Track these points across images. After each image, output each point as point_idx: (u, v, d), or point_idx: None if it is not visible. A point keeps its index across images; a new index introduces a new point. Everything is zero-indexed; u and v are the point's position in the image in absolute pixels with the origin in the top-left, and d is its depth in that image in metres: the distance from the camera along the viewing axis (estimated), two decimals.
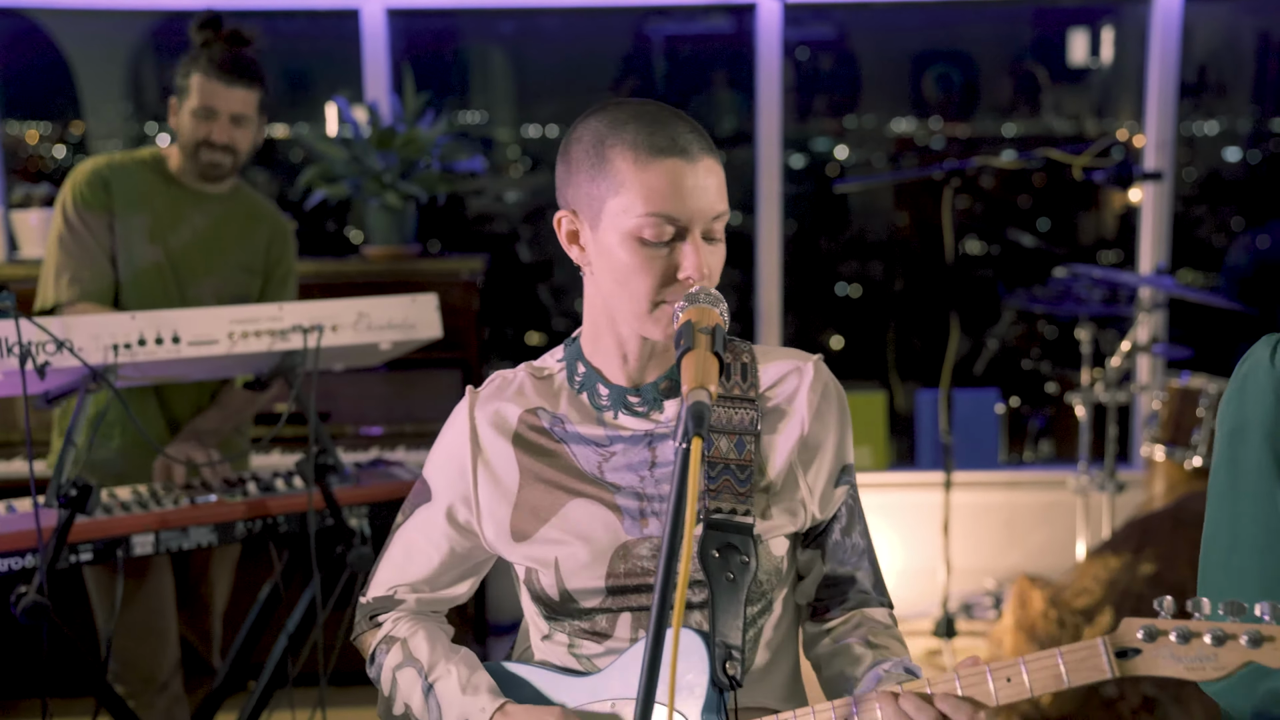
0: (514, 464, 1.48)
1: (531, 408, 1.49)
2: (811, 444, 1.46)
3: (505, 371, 1.55)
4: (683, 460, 1.12)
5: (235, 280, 2.71)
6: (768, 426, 1.46)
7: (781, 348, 1.54)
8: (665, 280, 1.37)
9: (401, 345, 2.37)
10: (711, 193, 1.37)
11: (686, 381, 1.19)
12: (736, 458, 1.43)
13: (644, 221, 1.35)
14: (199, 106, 2.58)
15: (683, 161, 1.35)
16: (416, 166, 3.78)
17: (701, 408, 1.15)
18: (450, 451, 1.52)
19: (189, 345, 2.13)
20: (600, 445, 1.47)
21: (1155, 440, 3.57)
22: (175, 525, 2.25)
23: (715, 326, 1.27)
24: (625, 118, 1.37)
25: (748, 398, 1.46)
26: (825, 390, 1.49)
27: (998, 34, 5.34)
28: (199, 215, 2.68)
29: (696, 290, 1.34)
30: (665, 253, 1.36)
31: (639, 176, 1.35)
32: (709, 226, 1.38)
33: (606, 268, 1.39)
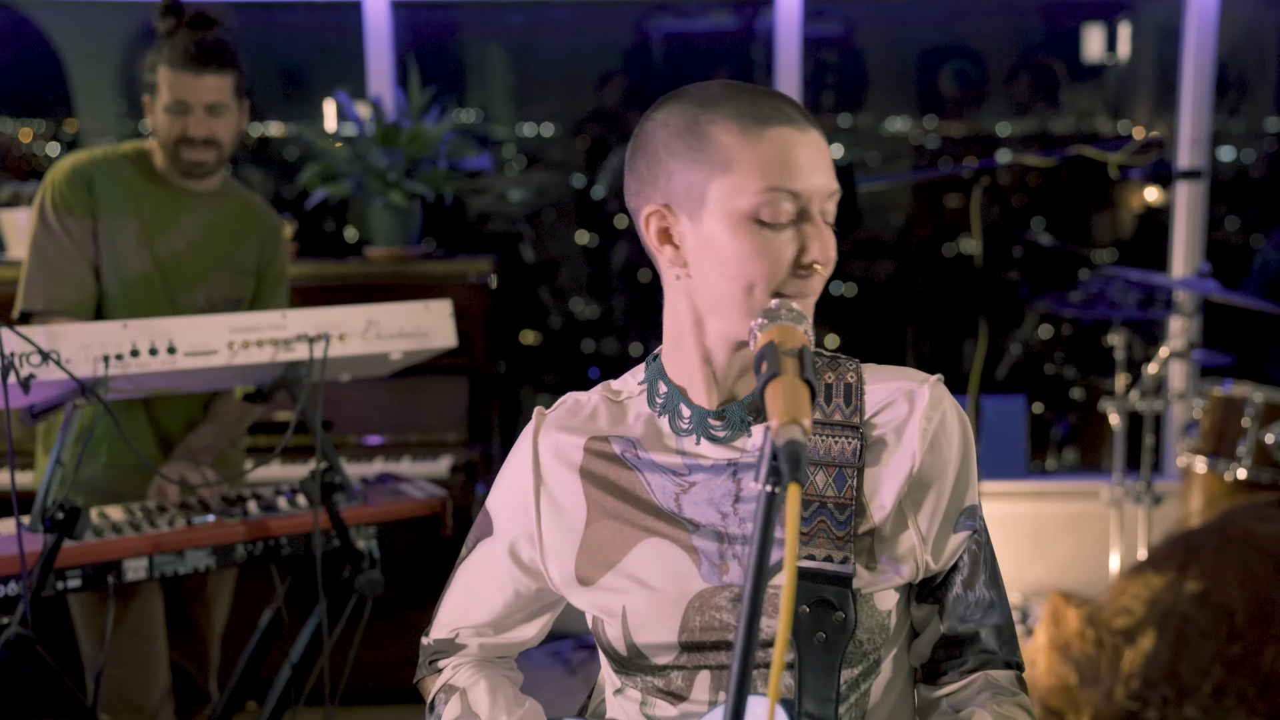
0: (580, 498, 1.31)
1: (601, 434, 1.32)
2: (924, 481, 1.24)
3: (579, 394, 1.37)
4: (765, 506, 0.94)
5: (228, 283, 2.55)
6: (872, 459, 1.24)
7: (895, 366, 1.31)
8: (785, 266, 1.19)
9: (414, 355, 2.21)
10: (827, 167, 1.21)
11: (775, 415, 0.99)
12: (835, 495, 1.22)
13: (762, 199, 1.17)
14: (171, 102, 2.40)
15: (794, 130, 1.19)
16: (422, 164, 3.61)
17: (798, 448, 0.94)
18: (512, 481, 1.36)
19: (186, 356, 1.96)
20: (678, 475, 1.28)
21: (1196, 451, 3.41)
22: (170, 548, 2.08)
23: (802, 348, 1.07)
24: (716, 94, 1.21)
25: (850, 424, 1.25)
26: (943, 418, 1.25)
27: (1008, 30, 5.21)
28: (188, 215, 2.51)
29: (776, 305, 1.15)
30: (784, 236, 1.19)
31: (750, 149, 1.17)
32: (825, 206, 1.21)
33: (713, 261, 1.20)
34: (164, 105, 2.41)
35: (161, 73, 2.41)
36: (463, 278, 3.56)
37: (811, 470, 1.23)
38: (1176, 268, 4.15)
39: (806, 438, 0.96)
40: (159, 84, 2.41)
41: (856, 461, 1.23)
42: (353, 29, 4.06)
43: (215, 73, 2.40)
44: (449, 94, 3.94)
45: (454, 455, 3.37)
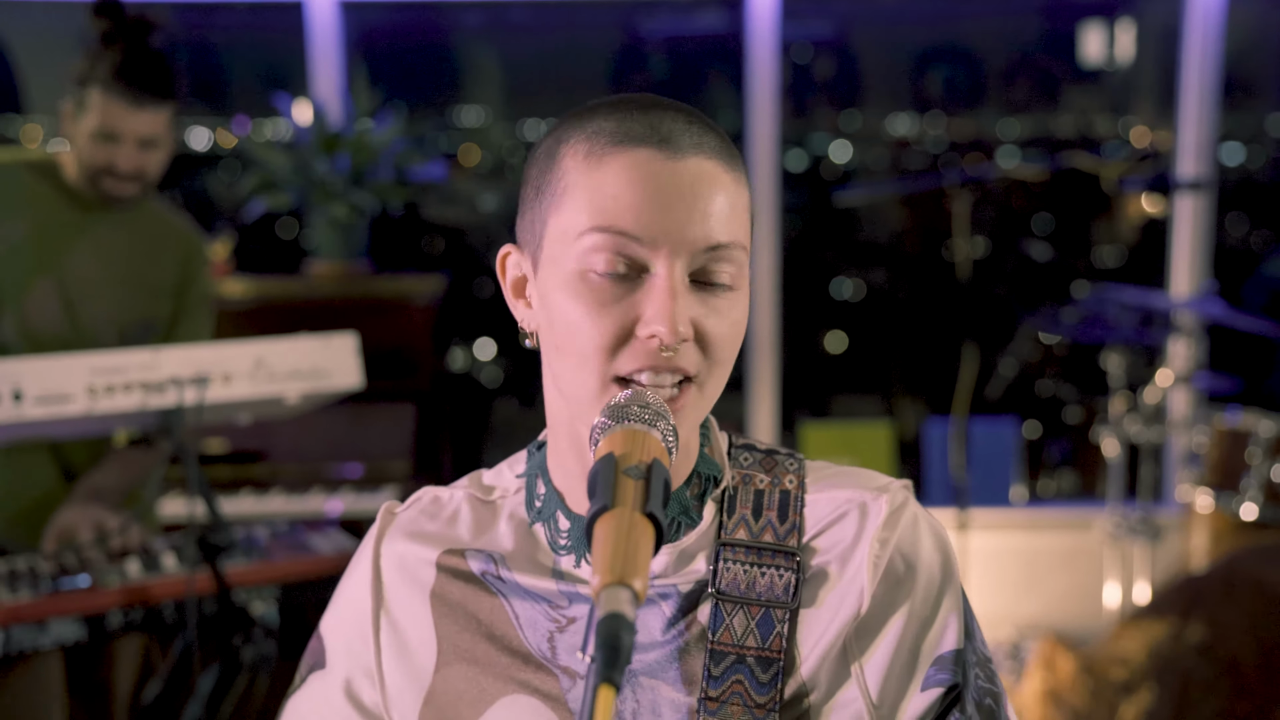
0: (430, 631, 1.01)
1: (459, 546, 1.02)
2: (874, 623, 0.93)
3: (439, 490, 1.08)
4: (594, 688, 0.67)
5: (140, 305, 2.31)
6: (810, 596, 0.94)
7: (849, 469, 1.01)
8: (619, 338, 0.89)
9: (312, 398, 1.95)
10: (709, 211, 0.90)
11: (597, 569, 0.72)
12: (757, 647, 0.92)
13: (587, 242, 0.89)
14: (100, 129, 2.16)
15: (658, 154, 0.89)
16: (370, 174, 3.36)
17: (618, 629, 0.67)
18: (348, 601, 1.06)
19: (35, 404, 1.70)
20: (554, 605, 0.98)
21: (1200, 484, 3.15)
22: (30, 619, 1.82)
23: (652, 465, 0.80)
24: (598, 106, 0.94)
25: (784, 548, 0.95)
26: (904, 538, 0.95)
27: (1006, 29, 4.99)
28: (98, 233, 2.27)
29: (625, 399, 0.86)
30: (625, 296, 0.90)
31: (586, 178, 0.90)
32: (700, 261, 0.90)
33: (548, 326, 0.94)
34: (91, 129, 2.17)
35: (94, 94, 2.15)
36: (410, 297, 3.31)
37: (729, 609, 0.93)
38: (1178, 284, 3.89)
39: (636, 607, 0.69)
40: (88, 103, 2.16)
41: (790, 601, 0.93)
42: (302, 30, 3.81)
43: (153, 106, 2.17)
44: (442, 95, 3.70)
45: (399, 488, 3.11)
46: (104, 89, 2.14)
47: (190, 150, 4.80)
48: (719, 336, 0.91)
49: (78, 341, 2.20)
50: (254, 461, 3.13)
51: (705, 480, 1.00)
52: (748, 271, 0.94)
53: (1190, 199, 3.79)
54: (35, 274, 2.21)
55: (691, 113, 0.94)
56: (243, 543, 2.04)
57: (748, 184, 0.95)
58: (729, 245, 0.90)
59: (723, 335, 0.91)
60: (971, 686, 0.95)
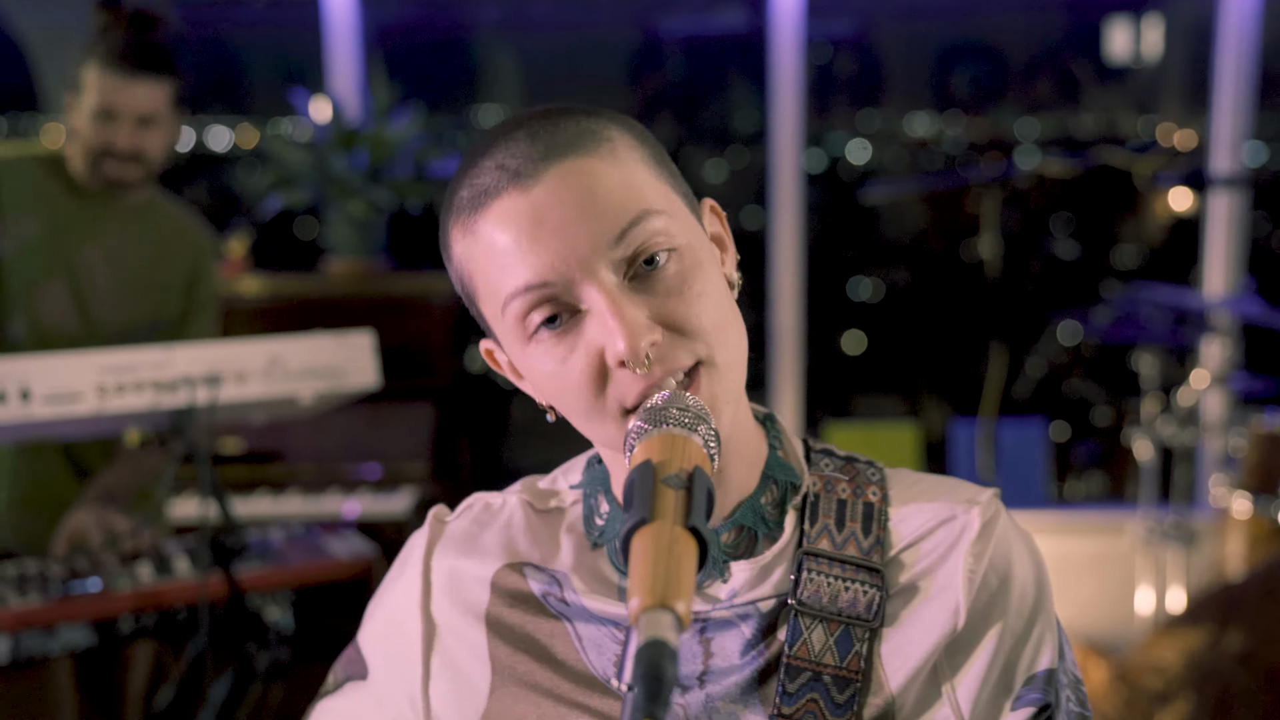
0: (484, 656, 0.94)
1: (517, 560, 0.95)
2: (969, 639, 0.87)
3: (490, 497, 1.00)
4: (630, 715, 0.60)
5: (152, 303, 2.27)
6: (895, 614, 0.88)
7: (932, 478, 0.94)
8: (598, 378, 0.83)
9: (328, 398, 1.90)
10: (588, 210, 0.82)
11: (635, 590, 0.65)
12: (835, 665, 0.86)
13: (513, 312, 0.84)
14: (98, 107, 2.12)
15: (513, 193, 0.82)
16: (388, 170, 3.31)
17: (661, 657, 0.61)
18: (393, 621, 0.98)
19: (44, 403, 1.65)
20: (620, 627, 0.91)
21: (1237, 488, 3.07)
22: (40, 624, 1.78)
23: (694, 473, 0.73)
24: (459, 175, 0.88)
25: (868, 564, 0.89)
26: (998, 554, 0.89)
27: (1029, 26, 4.91)
28: (107, 229, 2.23)
29: (663, 400, 0.80)
30: (580, 337, 0.83)
31: (474, 254, 0.85)
32: (619, 253, 0.82)
33: (545, 396, 0.90)
34: (89, 109, 2.13)
35: (90, 72, 2.12)
36: (428, 295, 3.26)
37: (808, 623, 0.87)
38: (1211, 283, 3.80)
39: (679, 633, 0.62)
40: (85, 84, 2.13)
41: (872, 619, 0.87)
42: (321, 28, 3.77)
43: (150, 79, 2.12)
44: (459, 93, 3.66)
45: (416, 489, 3.06)
46: (100, 65, 2.11)
47: (209, 150, 4.77)
48: (689, 314, 0.83)
49: (88, 339, 2.17)
50: (270, 462, 3.09)
51: (783, 486, 0.93)
52: (688, 224, 0.86)
53: (1224, 196, 3.70)
54: (47, 272, 2.18)
55: (537, 116, 0.86)
56: (257, 546, 1.99)
57: (634, 142, 0.87)
58: (637, 218, 0.82)
59: (693, 311, 0.83)
60: (1063, 709, 0.90)
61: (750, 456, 0.92)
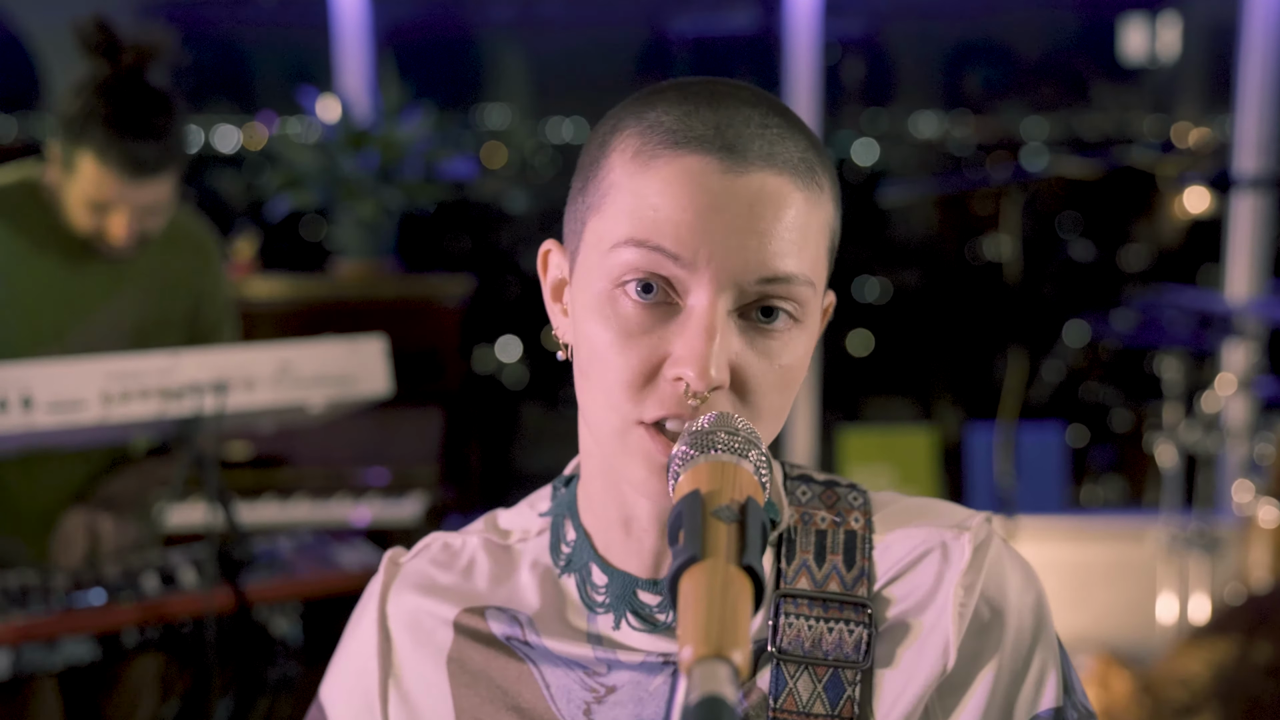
0: (447, 703, 0.87)
1: (476, 606, 0.88)
2: (961, 679, 0.80)
3: (449, 536, 0.93)
4: None
5: (149, 342, 2.05)
6: (885, 655, 0.81)
7: (921, 501, 0.87)
8: (646, 375, 0.76)
9: (338, 405, 1.85)
10: (769, 236, 0.74)
11: (687, 637, 0.59)
12: (827, 713, 0.79)
13: (623, 257, 0.76)
14: (91, 199, 1.86)
15: (716, 163, 0.75)
16: (398, 171, 3.26)
17: (718, 713, 0.54)
18: (352, 666, 0.92)
19: (47, 411, 1.60)
20: (590, 673, 0.84)
21: (1261, 494, 3.01)
22: (41, 637, 1.73)
23: (747, 504, 0.66)
24: (664, 94, 0.80)
25: (853, 600, 0.82)
26: (991, 584, 0.81)
27: (1041, 25, 4.86)
28: (99, 275, 2.01)
29: (711, 423, 0.73)
30: (657, 328, 0.76)
31: (634, 180, 0.76)
32: (753, 293, 0.76)
33: (578, 347, 0.81)
34: (82, 196, 1.86)
35: (86, 159, 1.83)
36: (438, 298, 3.21)
37: (792, 671, 0.80)
38: (1235, 286, 3.74)
39: (738, 686, 0.57)
40: (79, 167, 1.84)
41: (862, 660, 0.80)
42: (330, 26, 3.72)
43: (153, 177, 1.86)
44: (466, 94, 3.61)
45: (426, 495, 3.01)
46: (98, 156, 1.82)
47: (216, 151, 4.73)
48: (762, 383, 0.77)
49: None
50: (277, 467, 3.04)
51: None
52: (815, 309, 0.80)
53: (1249, 198, 3.64)
54: (31, 322, 1.98)
55: (773, 110, 0.79)
56: (265, 556, 1.94)
57: (832, 202, 0.81)
58: (789, 279, 0.76)
59: (766, 384, 0.77)
60: None
61: None
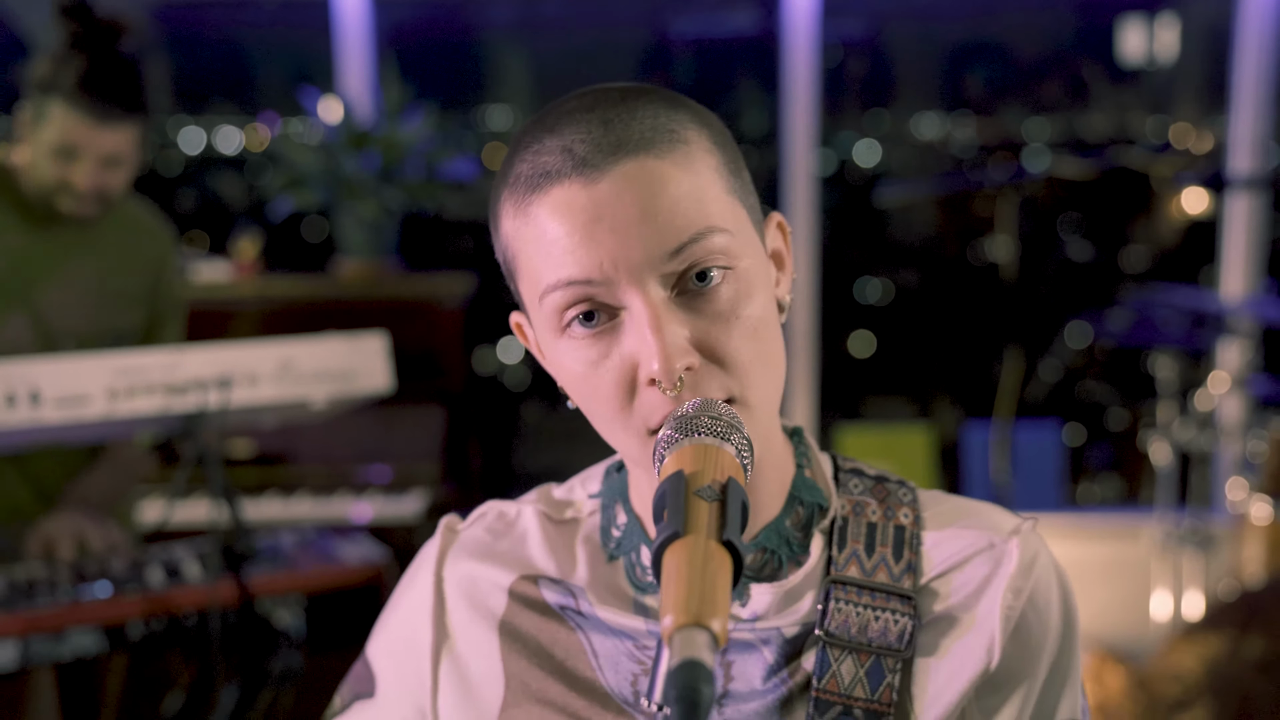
0: (497, 667, 0.90)
1: (531, 573, 0.92)
2: (1004, 680, 0.83)
3: (504, 505, 0.97)
4: None
5: (110, 316, 2.16)
6: (928, 645, 0.84)
7: (967, 502, 0.90)
8: (628, 390, 0.80)
9: (340, 402, 1.88)
10: (651, 214, 0.77)
11: (668, 607, 0.63)
12: (866, 698, 0.82)
13: (551, 304, 0.80)
14: (60, 145, 1.97)
15: (577, 182, 0.78)
16: (400, 171, 3.29)
17: (696, 678, 0.58)
18: (404, 628, 0.95)
19: (54, 407, 1.63)
20: (639, 645, 0.87)
21: (1255, 492, 3.04)
22: (49, 629, 1.76)
23: (728, 484, 0.70)
24: (519, 139, 0.84)
25: (900, 591, 0.85)
26: (1038, 589, 0.84)
27: (1041, 27, 4.88)
28: (61, 246, 2.09)
29: (694, 408, 0.76)
30: (614, 344, 0.80)
31: (522, 235, 0.81)
32: (673, 266, 0.78)
33: (568, 391, 0.87)
34: (49, 143, 1.98)
35: (55, 106, 1.96)
36: (439, 297, 3.24)
37: (837, 655, 0.83)
38: (1230, 285, 3.77)
39: (715, 652, 0.60)
40: (48, 115, 1.97)
41: (904, 649, 0.83)
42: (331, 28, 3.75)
43: (119, 123, 1.98)
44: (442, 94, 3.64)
45: (427, 493, 3.04)
46: (66, 101, 1.95)
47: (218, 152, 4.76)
48: (730, 340, 0.79)
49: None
50: (280, 464, 3.07)
51: (809, 508, 0.89)
52: (747, 242, 0.82)
53: (1244, 198, 3.67)
54: (9, 300, 2.04)
55: (621, 101, 0.82)
56: (268, 551, 1.97)
57: (708, 145, 0.82)
58: (694, 238, 0.78)
59: (736, 334, 0.79)
60: None
61: (776, 476, 0.88)
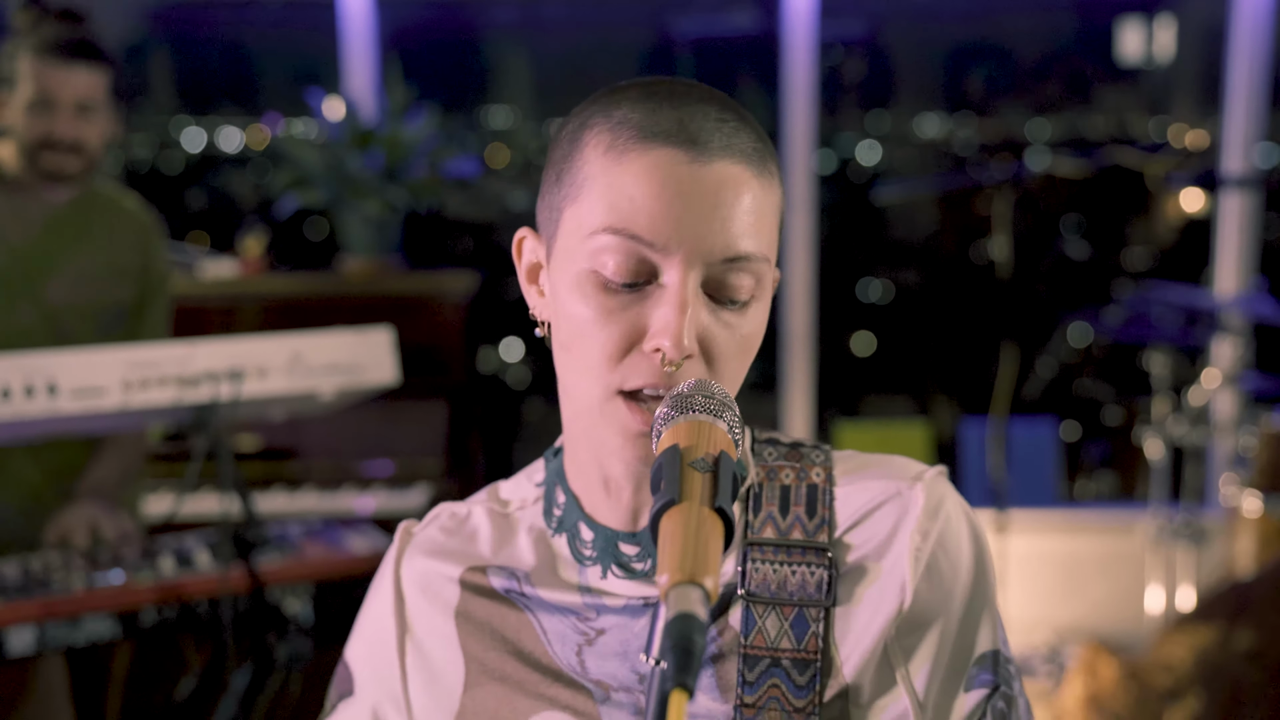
0: (457, 651, 0.98)
1: (481, 563, 0.99)
2: (919, 620, 0.88)
3: (455, 506, 1.04)
4: (660, 689, 0.63)
5: (107, 290, 2.28)
6: (845, 594, 0.89)
7: (878, 457, 0.96)
8: (624, 347, 0.85)
9: (348, 394, 1.92)
10: (731, 219, 0.84)
11: (665, 567, 0.69)
12: (792, 648, 0.88)
13: (600, 243, 0.84)
14: (34, 96, 2.13)
15: (683, 155, 0.83)
16: (404, 170, 3.34)
17: (690, 630, 0.64)
18: (372, 627, 1.03)
19: (71, 398, 1.68)
20: (581, 618, 0.94)
21: (1247, 486, 3.09)
22: (64, 615, 1.80)
23: (720, 457, 0.76)
24: (629, 93, 0.88)
25: (815, 545, 0.90)
26: (946, 529, 0.90)
27: (1040, 27, 4.92)
28: (51, 227, 2.22)
29: (689, 388, 0.82)
30: (634, 304, 0.85)
31: (608, 172, 0.85)
32: (718, 272, 0.85)
33: (558, 325, 0.90)
34: (25, 100, 2.13)
35: (24, 63, 2.13)
36: (443, 294, 3.28)
37: (760, 611, 0.89)
38: (1223, 282, 3.81)
39: (708, 606, 0.66)
40: (19, 76, 2.14)
41: (824, 599, 0.88)
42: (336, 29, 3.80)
43: (86, 66, 2.14)
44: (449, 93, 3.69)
45: (431, 486, 3.09)
46: (35, 54, 2.12)
47: (223, 151, 4.80)
48: (727, 350, 0.86)
49: (48, 336, 2.17)
50: (286, 459, 3.11)
51: None
52: (769, 283, 0.89)
53: (1236, 197, 3.72)
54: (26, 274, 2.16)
55: (726, 106, 0.88)
56: (276, 540, 2.02)
57: (779, 186, 0.90)
58: (749, 257, 0.85)
59: (729, 351, 0.86)
60: (1008, 686, 0.91)
61: None
